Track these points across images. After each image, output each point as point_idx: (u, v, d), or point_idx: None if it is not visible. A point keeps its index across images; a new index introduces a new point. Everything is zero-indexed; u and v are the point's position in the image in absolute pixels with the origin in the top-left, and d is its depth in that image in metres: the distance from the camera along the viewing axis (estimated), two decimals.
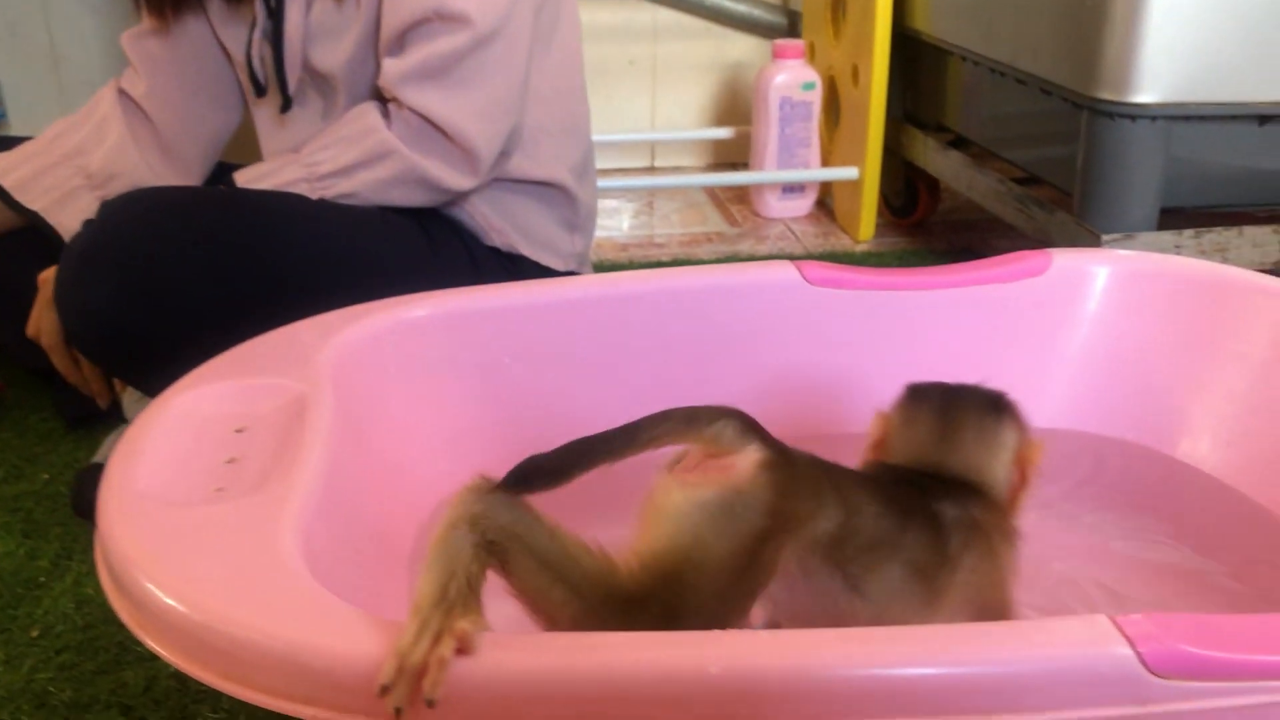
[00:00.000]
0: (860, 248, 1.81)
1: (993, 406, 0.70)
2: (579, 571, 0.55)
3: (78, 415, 1.20)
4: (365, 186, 1.07)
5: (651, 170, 2.28)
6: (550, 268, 1.20)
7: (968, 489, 0.67)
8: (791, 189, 1.96)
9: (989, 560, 0.66)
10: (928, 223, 1.92)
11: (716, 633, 0.49)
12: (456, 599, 0.50)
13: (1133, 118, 1.22)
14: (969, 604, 0.65)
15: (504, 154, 1.11)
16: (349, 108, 1.10)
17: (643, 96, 2.22)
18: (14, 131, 1.93)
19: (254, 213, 1.02)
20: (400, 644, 0.48)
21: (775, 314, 0.95)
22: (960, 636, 0.50)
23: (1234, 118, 1.24)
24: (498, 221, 1.15)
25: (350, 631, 0.50)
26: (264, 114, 1.17)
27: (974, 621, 0.64)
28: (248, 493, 0.62)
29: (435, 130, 1.04)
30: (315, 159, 1.08)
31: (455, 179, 1.07)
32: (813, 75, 1.89)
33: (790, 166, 1.93)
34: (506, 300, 0.88)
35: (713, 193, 2.14)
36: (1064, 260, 0.95)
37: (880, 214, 1.96)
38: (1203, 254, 1.28)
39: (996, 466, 0.69)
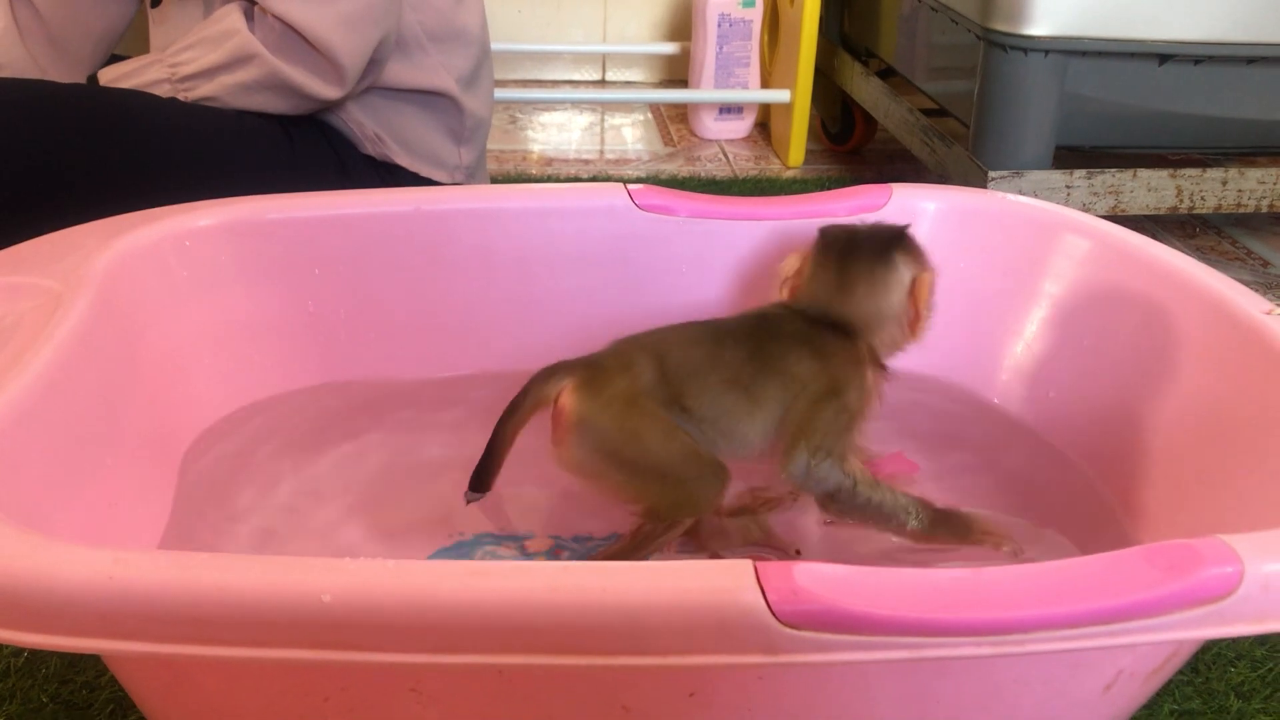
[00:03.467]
0: (788, 174, 1.77)
1: (874, 249, 0.77)
2: None
3: None
4: (226, 90, 1.04)
5: (602, 84, 2.23)
6: (432, 179, 1.18)
7: (831, 324, 0.76)
8: (729, 110, 1.91)
9: (820, 379, 0.73)
10: (863, 151, 1.87)
11: (337, 561, 0.48)
12: None
13: (1026, 50, 1.18)
14: (790, 409, 0.73)
15: (377, 62, 1.08)
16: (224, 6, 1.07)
17: (593, 6, 2.17)
18: None
19: (90, 111, 1.00)
20: None
21: (602, 237, 0.92)
22: (587, 572, 0.49)
23: (1132, 55, 1.19)
24: (373, 129, 1.13)
25: None
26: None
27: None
28: None
29: (298, 37, 1.01)
30: (178, 59, 1.05)
31: (320, 88, 1.04)
32: None
33: (728, 86, 1.88)
34: (308, 210, 0.86)
35: (658, 110, 2.10)
36: (902, 195, 0.92)
37: (819, 140, 1.92)
38: (1095, 196, 1.24)
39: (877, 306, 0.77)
